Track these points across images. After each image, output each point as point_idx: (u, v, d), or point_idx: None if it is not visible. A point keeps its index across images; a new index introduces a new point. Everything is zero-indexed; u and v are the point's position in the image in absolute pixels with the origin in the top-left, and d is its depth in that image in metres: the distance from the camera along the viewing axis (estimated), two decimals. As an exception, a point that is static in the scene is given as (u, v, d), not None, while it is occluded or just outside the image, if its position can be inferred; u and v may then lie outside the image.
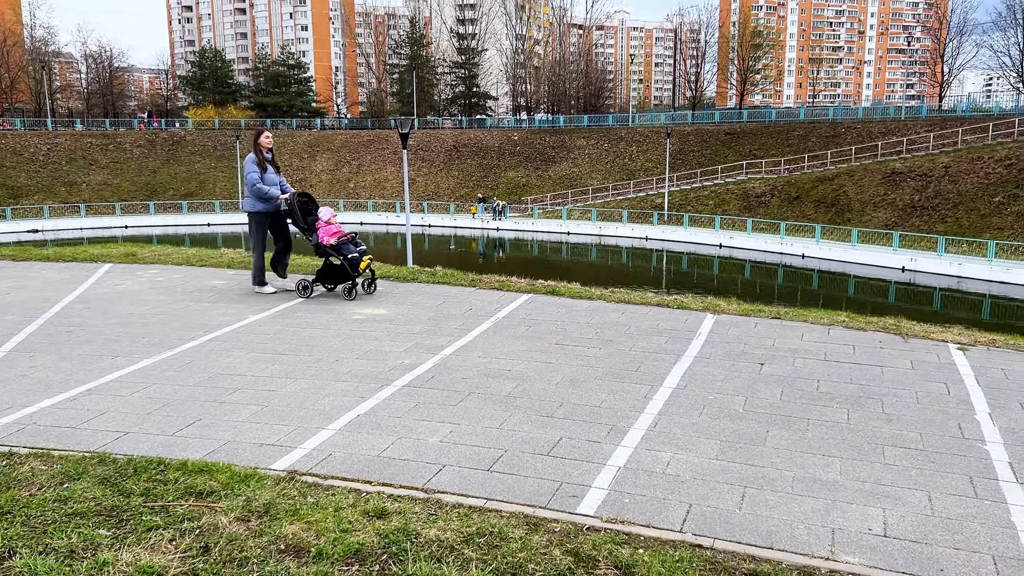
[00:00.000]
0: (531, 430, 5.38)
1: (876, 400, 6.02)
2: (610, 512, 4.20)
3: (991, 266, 36.87)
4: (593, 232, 55.87)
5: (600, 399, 6.02)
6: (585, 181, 66.80)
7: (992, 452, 5.04)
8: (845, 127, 61.66)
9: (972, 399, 6.05)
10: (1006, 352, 7.45)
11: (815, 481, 4.60)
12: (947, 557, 3.78)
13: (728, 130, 67.07)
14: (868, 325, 8.46)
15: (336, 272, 9.85)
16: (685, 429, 5.42)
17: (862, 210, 49.92)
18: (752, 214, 53.06)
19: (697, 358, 7.17)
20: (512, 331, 8.15)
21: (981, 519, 4.16)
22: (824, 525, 4.08)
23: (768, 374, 6.69)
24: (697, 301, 9.71)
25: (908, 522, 4.12)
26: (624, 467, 4.79)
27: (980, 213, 44.79)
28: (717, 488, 4.51)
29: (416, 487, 4.48)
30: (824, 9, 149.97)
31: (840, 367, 6.89)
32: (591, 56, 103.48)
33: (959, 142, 52.65)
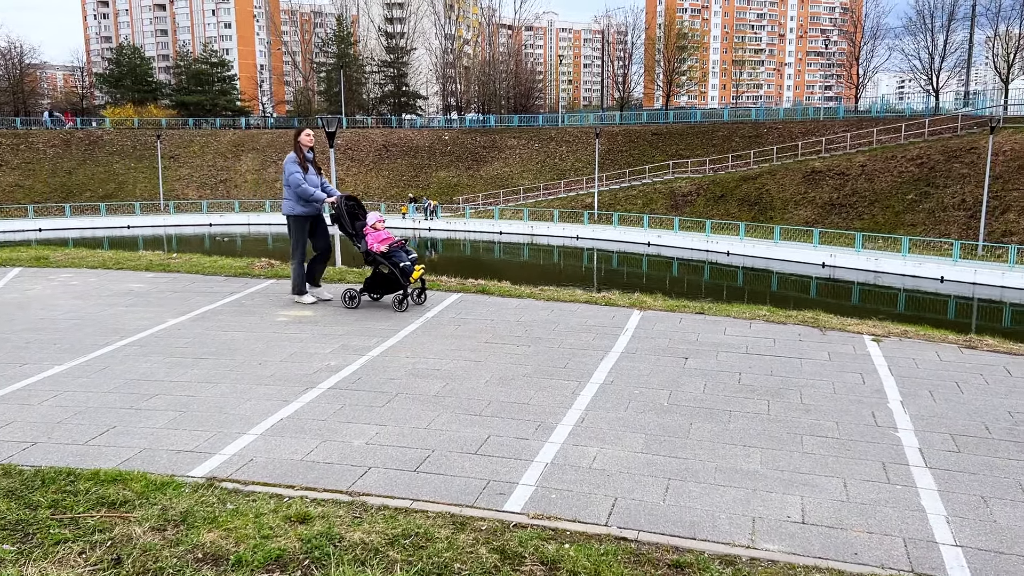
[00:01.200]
0: (459, 429, 5.35)
1: (795, 391, 6.18)
2: (537, 508, 4.21)
3: (905, 261, 38.44)
4: (525, 231, 56.12)
5: (529, 396, 6.03)
6: (516, 181, 67.04)
7: (903, 439, 5.23)
8: (767, 127, 63.40)
9: (885, 388, 6.27)
10: (917, 343, 7.76)
11: (736, 471, 4.70)
12: (861, 541, 3.91)
13: (655, 130, 68.21)
14: (788, 319, 8.70)
15: (386, 281, 9.06)
16: (611, 424, 5.46)
17: (784, 208, 51.41)
18: (679, 213, 54.10)
19: (624, 353, 7.25)
20: (441, 331, 8.10)
21: (893, 503, 4.32)
22: (745, 514, 4.17)
23: (692, 368, 6.81)
24: (625, 298, 9.82)
25: (825, 508, 4.24)
26: (551, 463, 4.81)
27: (895, 210, 46.63)
28: (642, 481, 4.56)
29: (341, 490, 4.40)
30: (746, 12, 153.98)
31: (761, 360, 7.07)
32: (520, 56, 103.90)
33: (874, 142, 54.71)
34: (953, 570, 3.67)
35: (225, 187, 70.71)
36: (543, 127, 74.45)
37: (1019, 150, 44.88)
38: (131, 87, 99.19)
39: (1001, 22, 66.53)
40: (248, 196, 69.17)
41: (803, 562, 3.69)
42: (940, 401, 5.97)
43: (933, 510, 4.23)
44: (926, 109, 63.97)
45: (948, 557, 3.77)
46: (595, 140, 62.79)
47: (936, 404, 5.90)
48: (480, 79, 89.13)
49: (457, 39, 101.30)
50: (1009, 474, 4.69)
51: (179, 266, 12.15)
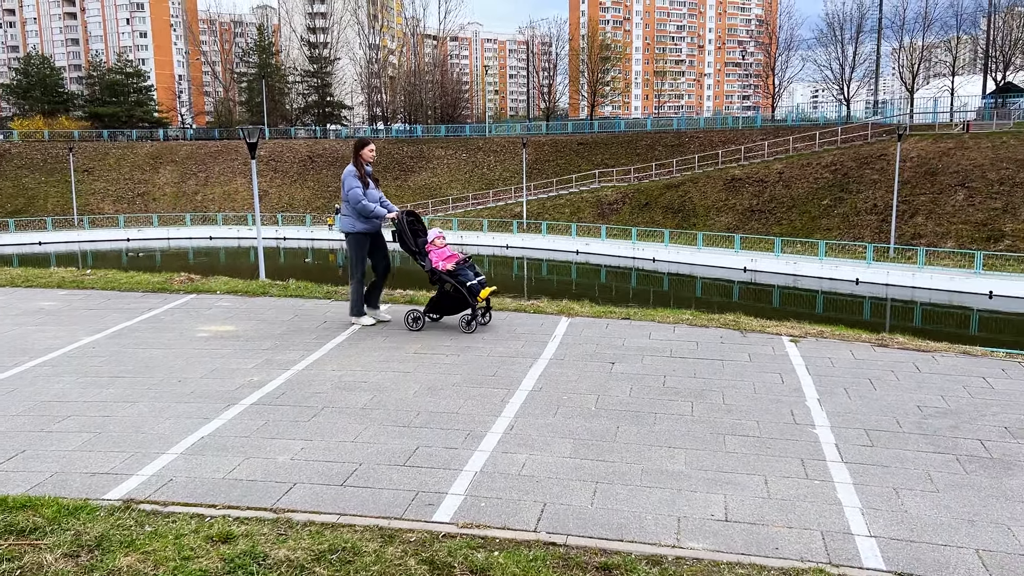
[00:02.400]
0: (387, 441, 5.29)
1: (717, 392, 6.33)
2: (466, 517, 4.20)
3: (822, 264, 39.85)
4: (455, 241, 55.91)
5: (458, 405, 6.02)
6: (445, 191, 66.94)
7: (821, 435, 5.41)
8: (688, 136, 64.92)
9: (803, 387, 6.48)
10: (832, 342, 8.03)
11: (662, 472, 4.78)
12: (782, 536, 4.02)
13: (581, 140, 69.10)
14: (710, 322, 8.90)
15: (452, 301, 8.55)
16: (540, 430, 5.49)
17: (706, 215, 52.70)
18: (606, 221, 54.89)
19: (552, 360, 7.30)
20: (369, 342, 8.01)
21: (811, 498, 4.46)
22: (671, 514, 4.25)
23: (619, 372, 6.91)
24: (553, 305, 9.89)
25: (747, 506, 4.35)
26: (481, 471, 4.80)
27: (811, 215, 48.30)
28: (571, 486, 4.59)
29: (265, 507, 4.31)
30: (666, 24, 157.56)
31: (685, 362, 7.21)
32: (446, 67, 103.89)
33: (790, 149, 56.60)
34: (868, 560, 3.81)
35: (143, 201, 68.52)
36: (471, 137, 74.59)
37: (925, 156, 47.08)
38: (40, 98, 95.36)
39: (905, 34, 69.88)
40: (167, 210, 67.20)
41: (726, 559, 3.78)
42: (855, 398, 6.20)
43: (849, 503, 4.39)
44: (838, 118, 66.57)
45: (863, 547, 3.91)
46: (522, 150, 63.22)
47: (851, 401, 6.13)
48: (406, 89, 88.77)
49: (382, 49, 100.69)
50: (918, 466, 4.90)
51: (93, 282, 11.70)
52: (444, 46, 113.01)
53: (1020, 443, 5.26)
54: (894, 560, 3.80)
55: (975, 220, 41.70)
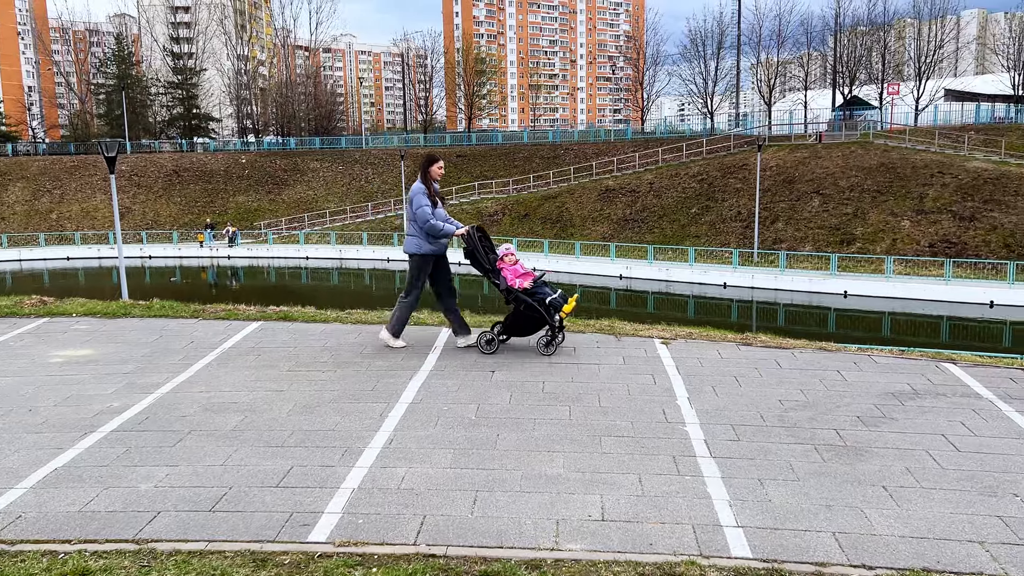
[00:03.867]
0: (259, 463, 5.10)
1: (594, 395, 6.47)
2: (344, 535, 4.10)
3: (692, 269, 41.55)
4: (333, 256, 54.93)
5: (335, 422, 5.87)
6: (322, 204, 65.54)
7: (691, 432, 5.61)
8: (564, 149, 66.34)
9: (674, 387, 6.71)
10: (701, 343, 8.37)
11: (541, 477, 4.83)
12: (656, 532, 4.14)
13: (459, 152, 69.32)
14: (587, 327, 9.10)
15: (528, 321, 7.99)
16: (420, 442, 5.44)
17: (583, 224, 53.95)
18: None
19: (433, 371, 7.26)
20: (240, 361, 7.72)
21: (683, 494, 4.61)
22: (549, 517, 4.29)
23: (499, 380, 6.94)
24: (434, 317, 9.85)
25: (623, 505, 4.45)
26: (358, 488, 4.70)
27: (681, 223, 50.30)
28: (451, 496, 4.57)
29: (126, 539, 4.06)
30: (539, 39, 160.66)
31: (563, 367, 7.33)
32: (319, 78, 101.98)
33: (660, 161, 58.78)
34: (736, 550, 3.97)
35: (-10, 220, 63.58)
36: (347, 149, 73.46)
37: (783, 166, 49.99)
38: None
39: (762, 51, 73.97)
40: (18, 230, 62.64)
41: (603, 558, 3.85)
42: (722, 395, 6.47)
43: (718, 496, 4.57)
44: (704, 130, 69.72)
45: (731, 538, 4.08)
46: (400, 162, 62.81)
47: (718, 398, 6.39)
48: (277, 101, 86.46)
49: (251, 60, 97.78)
50: (781, 457, 5.16)
51: (-70, 309, 10.73)
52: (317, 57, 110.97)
53: (871, 431, 5.63)
54: (760, 548, 3.98)
55: (829, 225, 44.55)
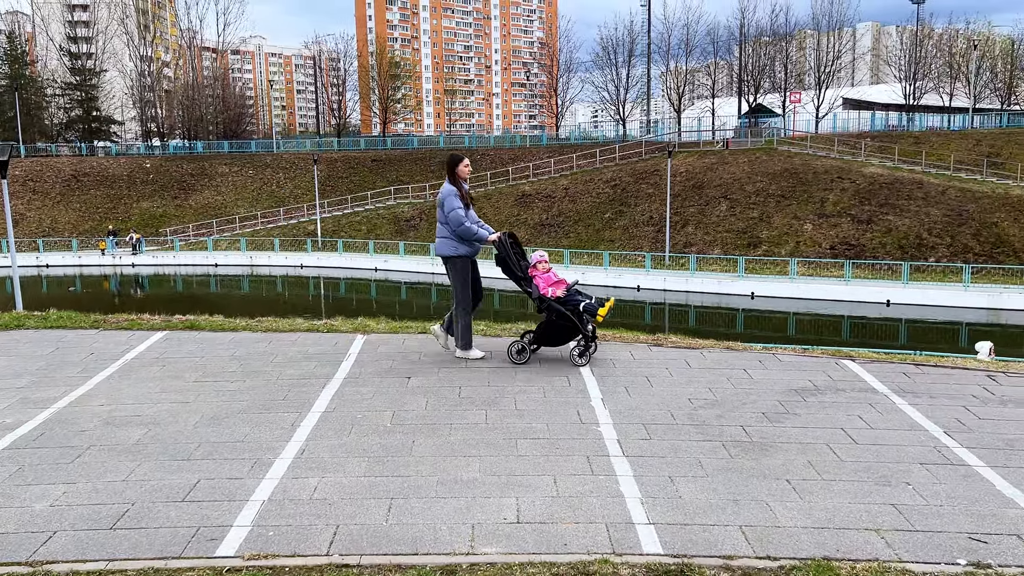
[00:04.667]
0: (164, 477, 4.92)
1: (510, 399, 6.49)
2: (253, 548, 3.99)
3: (607, 273, 42.26)
4: (244, 262, 53.49)
5: (244, 433, 5.72)
6: (231, 209, 63.76)
7: (604, 432, 5.70)
8: (480, 154, 66.46)
9: (588, 388, 6.80)
10: (614, 344, 8.51)
11: (457, 481, 4.82)
12: (570, 532, 4.18)
13: (374, 157, 68.62)
14: (503, 332, 9.15)
15: (561, 330, 7.71)
16: (334, 451, 5.35)
17: (499, 229, 54.13)
18: (404, 237, 54.82)
19: (347, 379, 7.15)
20: (143, 372, 7.43)
21: (597, 493, 4.67)
22: (465, 522, 4.28)
23: (415, 386, 6.89)
24: (348, 323, 9.71)
25: (538, 506, 4.48)
26: (269, 500, 4.59)
27: (596, 228, 51.09)
28: (365, 504, 4.51)
29: (19, 562, 3.85)
30: (454, 44, 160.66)
31: (479, 372, 7.34)
32: (228, 80, 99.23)
33: (574, 167, 59.58)
34: (647, 546, 4.05)
35: None
36: (257, 153, 71.74)
37: (692, 171, 51.40)
38: None
39: (671, 59, 75.91)
40: (-100, 237, 58.69)
41: (519, 560, 3.86)
42: (634, 395, 6.59)
43: (630, 494, 4.65)
44: (616, 136, 71.04)
45: (643, 535, 4.16)
46: (314, 166, 61.74)
47: (631, 398, 6.51)
48: (184, 103, 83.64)
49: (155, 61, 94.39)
50: (690, 454, 5.29)
51: None
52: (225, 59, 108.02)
53: (775, 426, 5.83)
54: (670, 544, 4.07)
55: (737, 228, 46.03)
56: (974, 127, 59.90)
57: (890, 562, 3.90)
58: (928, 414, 6.12)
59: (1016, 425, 5.90)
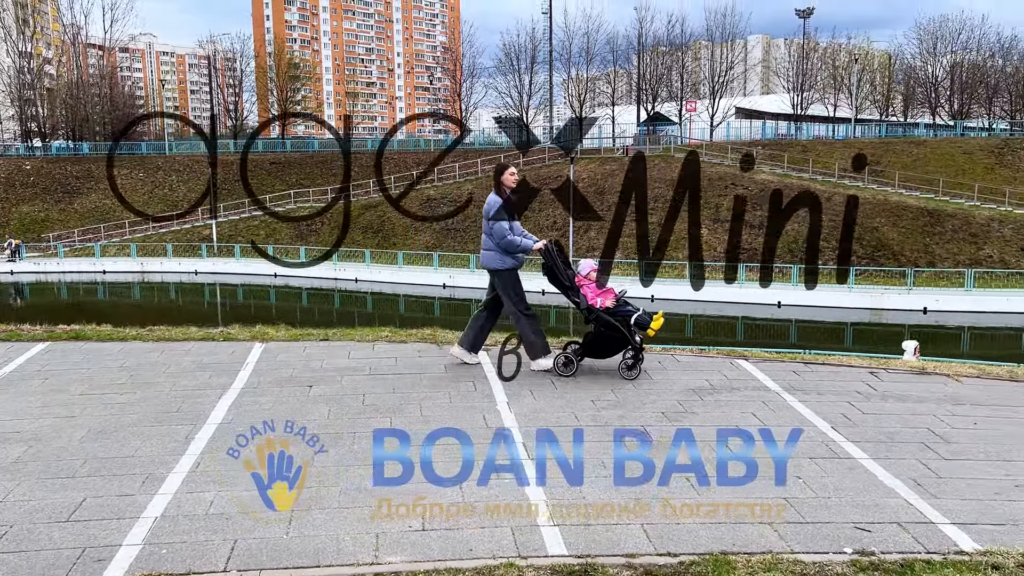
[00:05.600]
0: (46, 496, 4.64)
1: (416, 405, 6.44)
2: (145, 568, 3.82)
3: (512, 277, 42.59)
4: (135, 269, 51.17)
5: (134, 448, 5.46)
6: (121, 214, 60.86)
7: (514, 436, 5.72)
8: (384, 157, 65.80)
9: (494, 392, 6.82)
10: (520, 349, 8.53)
11: (361, 491, 4.74)
12: (476, 537, 4.17)
13: (273, 159, 66.91)
14: (408, 337, 9.06)
15: (610, 342, 7.43)
16: (230, 465, 5.17)
17: (405, 234, 53.77)
18: (304, 242, 53.67)
19: (244, 389, 6.94)
20: (23, 386, 6.99)
21: (503, 496, 4.68)
22: (369, 532, 4.21)
23: (317, 395, 6.75)
24: (245, 332, 9.42)
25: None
26: (162, 516, 4.40)
27: (500, 232, 51.36)
28: (264, 518, 4.38)
29: None
30: (355, 46, 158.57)
31: (384, 379, 7.25)
32: (116, 79, 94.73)
33: (479, 171, 59.67)
34: (552, 547, 4.08)
35: None
36: (149, 155, 68.83)
37: (593, 177, 52.41)
38: None
39: (572, 67, 77.14)
40: None
41: (423, 567, 3.83)
42: (539, 398, 6.65)
43: (535, 497, 4.68)
44: (520, 142, 71.62)
45: (548, 537, 4.20)
46: (209, 169, 59.70)
47: (536, 401, 6.57)
48: (68, 103, 79.35)
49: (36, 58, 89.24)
50: (596, 455, 5.37)
51: None
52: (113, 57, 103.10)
53: (675, 425, 5.99)
54: (575, 544, 4.12)
55: (638, 233, 47.19)
56: (856, 136, 63.36)
57: (783, 554, 4.06)
58: (816, 410, 6.42)
59: (896, 419, 6.26)
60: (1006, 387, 7.35)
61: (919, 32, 75.07)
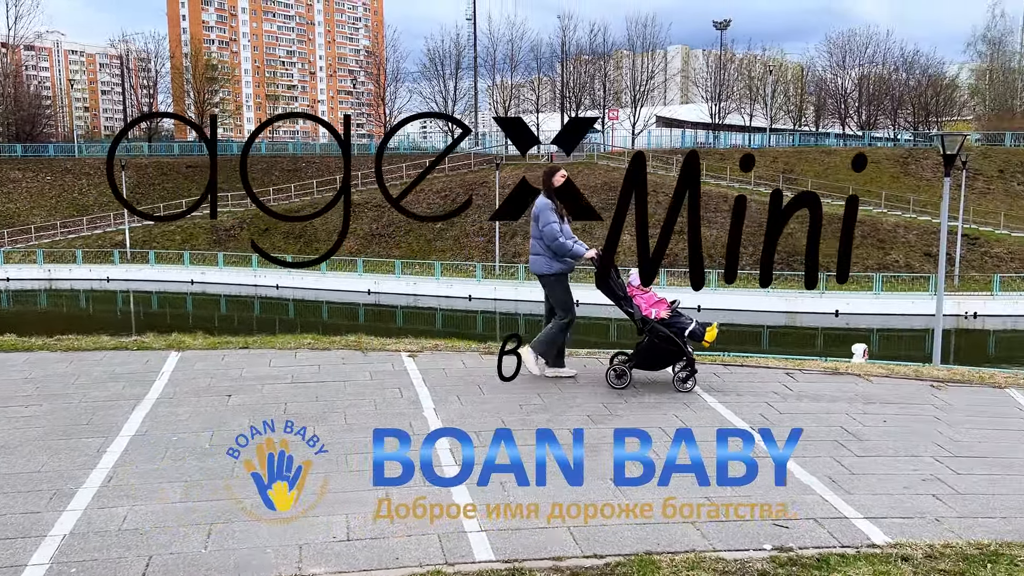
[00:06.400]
0: (-57, 517, 4.38)
1: (340, 413, 6.33)
2: (52, 590, 3.63)
3: (439, 283, 42.43)
4: (41, 276, 48.97)
5: (41, 463, 5.20)
6: (25, 219, 58.12)
7: (437, 444, 5.66)
8: (306, 161, 64.73)
9: (420, 398, 6.77)
10: (447, 354, 8.53)
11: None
12: (402, 545, 4.13)
13: (190, 163, 65.01)
14: (332, 344, 8.91)
15: (664, 354, 7.25)
16: (145, 477, 4.98)
17: (329, 240, 52.89)
18: (223, 248, 52.28)
19: (160, 400, 6.70)
20: (-83, 401, 6.58)
21: (430, 503, 4.63)
22: (292, 543, 4.12)
23: (236, 404, 6.57)
24: (160, 340, 9.10)
25: (368, 522, 4.38)
26: (71, 533, 4.20)
27: (427, 238, 51.12)
28: (181, 532, 4.23)
29: None
30: (276, 48, 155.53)
31: (307, 387, 7.11)
32: (21, 78, 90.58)
33: (404, 176, 59.26)
34: (479, 553, 4.07)
35: None
36: (56, 158, 65.91)
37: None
38: None
39: (497, 73, 77.53)
40: None
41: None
42: (466, 403, 6.63)
43: (463, 502, 4.65)
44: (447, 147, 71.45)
45: (475, 543, 4.18)
46: (122, 172, 57.59)
47: (463, 406, 6.55)
48: (-32, 101, 75.48)
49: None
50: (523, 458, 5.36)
51: None
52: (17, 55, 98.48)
53: (600, 428, 6.05)
54: (502, 549, 4.12)
55: (562, 239, 47.65)
56: (771, 145, 65.50)
57: (705, 552, 4.15)
58: (736, 410, 6.59)
59: (811, 418, 6.48)
60: (912, 386, 7.70)
61: (829, 46, 78.10)
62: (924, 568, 4.00)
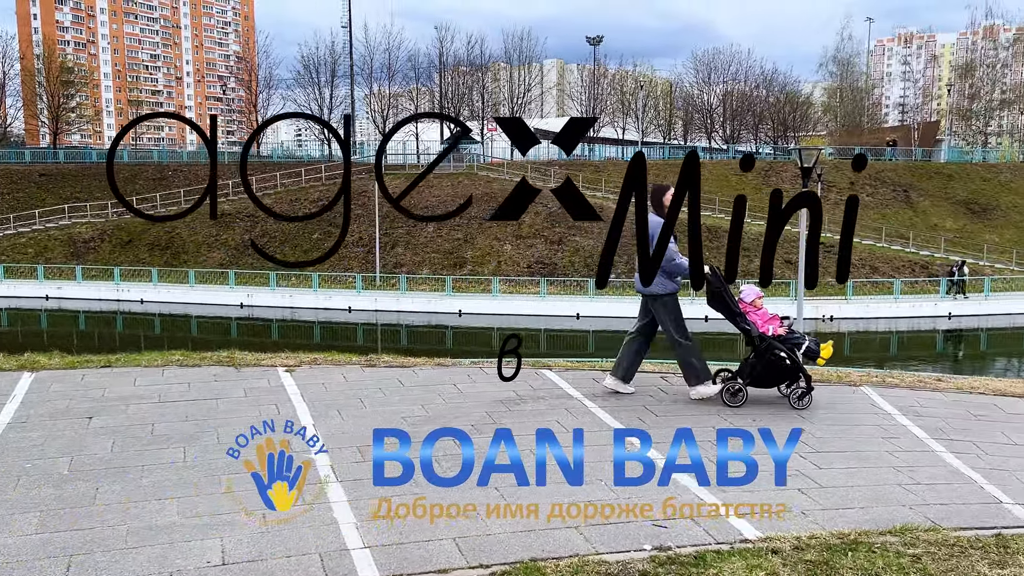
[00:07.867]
0: None
1: (212, 432, 6.06)
2: None
3: (317, 295, 41.43)
4: None
5: None
6: None
7: (316, 459, 5.51)
8: (172, 170, 61.81)
9: (299, 414, 6.57)
10: (326, 368, 8.32)
11: (151, 528, 4.38)
12: (281, 567, 3.98)
13: (43, 171, 60.84)
14: (203, 360, 8.52)
15: (778, 371, 7.16)
16: (-6, 509, 4.59)
17: (198, 251, 50.75)
18: (81, 261, 49.17)
19: (11, 424, 6.21)
20: None
21: (310, 523, 4.50)
22: (162, 571, 3.90)
23: (98, 427, 6.17)
24: (11, 360, 8.46)
25: (245, 544, 4.21)
26: (-94, 577, 3.81)
27: (304, 248, 49.79)
28: (38, 566, 3.93)
29: None
30: (138, 52, 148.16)
31: (176, 406, 6.76)
32: None
33: (279, 185, 57.67)
34: (363, 570, 3.98)
35: None
36: None
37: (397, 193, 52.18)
38: None
39: (375, 82, 76.67)
40: None
41: (225, 605, 3.59)
42: (347, 418, 6.49)
43: (345, 520, 4.54)
44: (322, 156, 70.00)
45: (358, 560, 4.08)
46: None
47: (344, 421, 6.40)
48: None
49: None
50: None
51: None
52: None
53: (480, 436, 6.04)
54: (386, 565, 4.04)
55: (444, 249, 47.58)
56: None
57: (588, 555, 4.21)
58: (615, 415, 6.74)
59: (686, 419, 6.71)
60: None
61: (695, 63, 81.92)
62: (792, 559, 4.21)
